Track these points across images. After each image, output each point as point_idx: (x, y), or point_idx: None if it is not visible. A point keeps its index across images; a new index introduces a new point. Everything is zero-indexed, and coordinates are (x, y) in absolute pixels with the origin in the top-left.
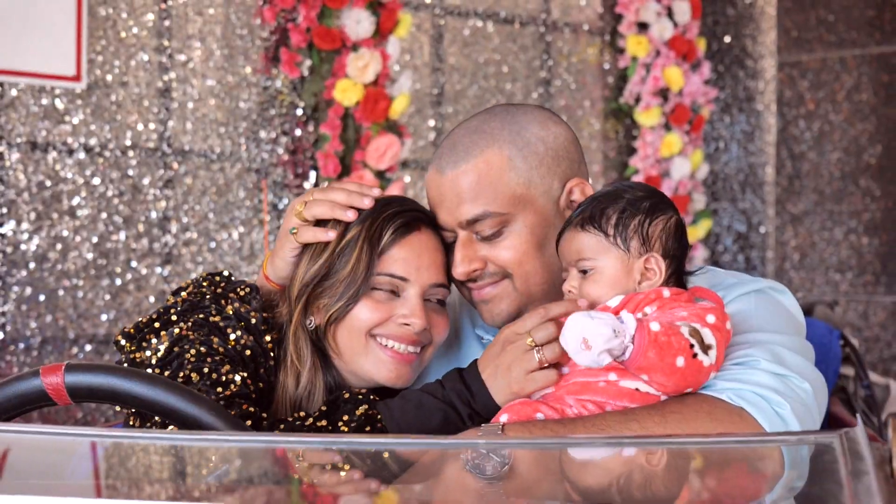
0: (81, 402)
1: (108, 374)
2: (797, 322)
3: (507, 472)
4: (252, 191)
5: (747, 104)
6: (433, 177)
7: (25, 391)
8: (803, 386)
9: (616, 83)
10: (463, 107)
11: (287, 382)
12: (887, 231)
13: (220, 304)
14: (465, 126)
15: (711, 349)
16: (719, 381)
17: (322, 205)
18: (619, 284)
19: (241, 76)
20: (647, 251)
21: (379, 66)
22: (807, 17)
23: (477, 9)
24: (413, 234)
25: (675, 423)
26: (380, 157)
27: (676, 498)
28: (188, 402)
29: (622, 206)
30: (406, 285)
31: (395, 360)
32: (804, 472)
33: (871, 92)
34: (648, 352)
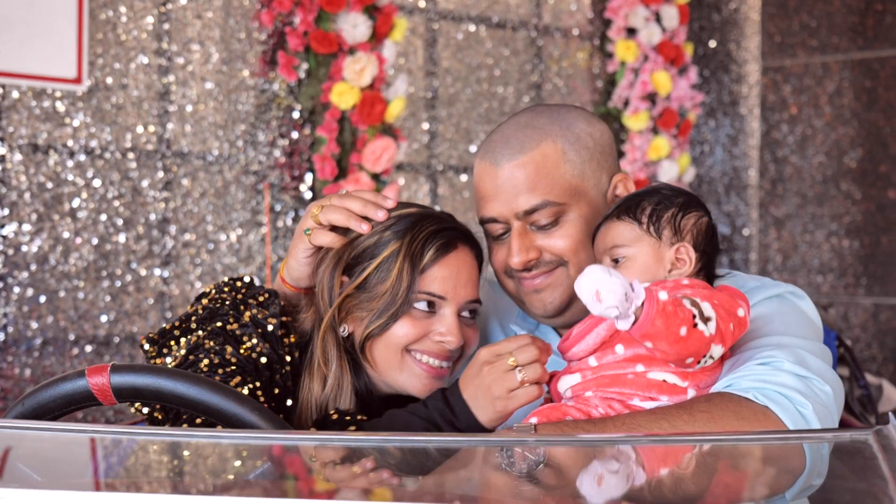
0: (126, 401)
1: (153, 374)
2: (815, 326)
3: (542, 470)
4: (250, 193)
5: (732, 108)
6: (487, 169)
7: (71, 392)
8: (824, 388)
9: (605, 87)
10: (456, 110)
11: (313, 385)
12: (868, 234)
13: (239, 310)
14: (513, 122)
15: (710, 321)
16: (745, 380)
17: (338, 211)
18: (650, 271)
19: (239, 79)
20: (678, 241)
21: (375, 69)
22: (790, 22)
23: (470, 13)
24: (452, 253)
25: (704, 422)
26: (376, 160)
27: (720, 493)
28: (231, 402)
29: (657, 199)
30: (444, 304)
31: (429, 375)
32: (843, 468)
33: (853, 97)
34: (656, 320)
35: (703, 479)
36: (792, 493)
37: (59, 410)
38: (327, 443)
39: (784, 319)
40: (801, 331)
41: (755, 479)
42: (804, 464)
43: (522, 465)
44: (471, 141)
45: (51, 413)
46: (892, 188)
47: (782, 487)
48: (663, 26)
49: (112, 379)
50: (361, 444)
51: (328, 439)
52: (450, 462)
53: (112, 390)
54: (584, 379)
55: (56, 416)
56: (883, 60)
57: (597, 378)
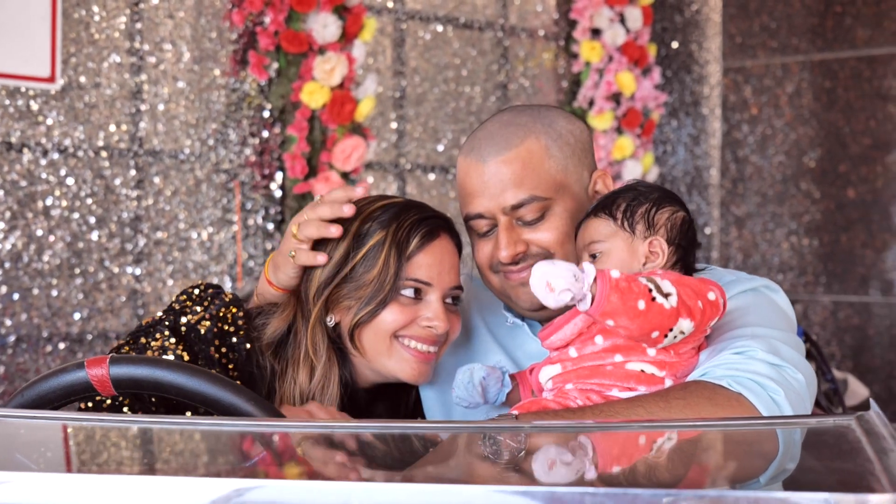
0: (124, 392)
1: (151, 365)
2: (789, 319)
3: (524, 455)
4: (221, 191)
5: (693, 108)
6: (474, 166)
7: (71, 382)
8: (797, 377)
9: (570, 87)
10: (424, 109)
11: (298, 377)
12: (827, 232)
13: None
14: (495, 120)
15: (671, 296)
16: (719, 369)
17: (311, 225)
18: (625, 265)
19: (210, 78)
20: (651, 234)
21: (345, 69)
22: (751, 24)
23: (437, 14)
24: (436, 241)
25: (679, 408)
26: (346, 159)
27: (702, 477)
28: (227, 391)
29: (633, 195)
30: (429, 289)
31: (418, 360)
32: (826, 452)
33: (812, 97)
34: (611, 296)
35: (686, 463)
36: (772, 476)
37: (59, 401)
38: (317, 430)
39: (759, 312)
40: (775, 322)
41: (740, 462)
42: (777, 448)
43: (505, 452)
44: (438, 140)
45: (50, 404)
46: (851, 187)
47: (765, 470)
48: (627, 27)
49: (111, 370)
50: (346, 430)
51: (318, 426)
52: (433, 450)
53: (111, 381)
54: (564, 370)
55: (55, 406)
56: (842, 62)
57: (577, 369)
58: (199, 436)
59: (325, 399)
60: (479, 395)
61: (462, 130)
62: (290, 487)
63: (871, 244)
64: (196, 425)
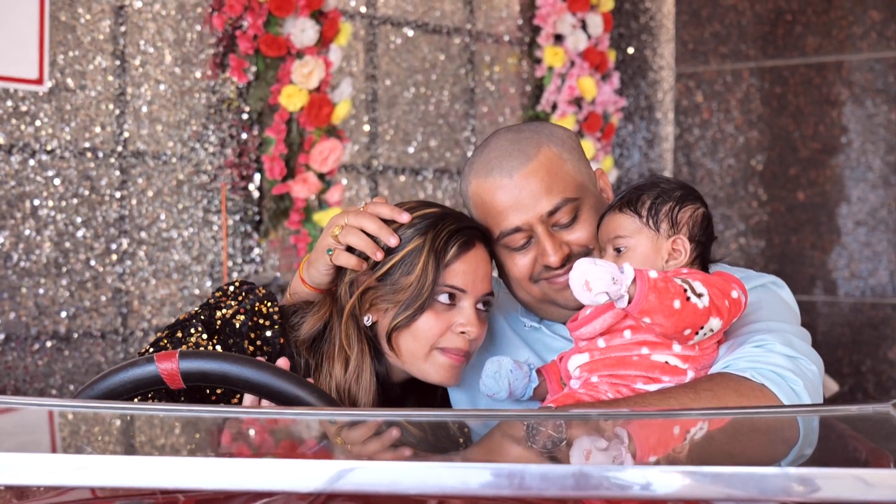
0: (192, 384)
1: (219, 359)
2: (795, 313)
3: (566, 441)
4: (202, 192)
5: (648, 113)
6: (500, 184)
7: (141, 376)
8: (811, 367)
9: (534, 91)
10: (395, 112)
11: (334, 370)
12: (778, 234)
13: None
14: (502, 138)
15: (703, 296)
16: (741, 361)
17: (356, 234)
18: (648, 262)
19: (191, 81)
20: (674, 233)
21: (322, 72)
22: (703, 31)
23: (408, 19)
24: (472, 250)
25: (708, 399)
26: (323, 161)
27: (758, 457)
28: (291, 384)
29: (657, 192)
30: (464, 296)
31: (452, 362)
32: (874, 436)
33: (763, 102)
34: (649, 295)
35: (747, 444)
36: (817, 458)
37: (128, 394)
38: (367, 418)
39: (770, 307)
40: (785, 317)
41: (789, 445)
42: (798, 434)
43: (546, 438)
44: (408, 143)
45: (119, 396)
46: (801, 190)
47: (810, 453)
48: (589, 33)
49: (181, 364)
50: (402, 418)
51: (368, 415)
52: (477, 437)
53: (181, 374)
54: (592, 359)
55: (124, 399)
56: (793, 68)
57: (604, 359)
58: (268, 424)
59: (360, 389)
60: (506, 387)
61: (431, 133)
62: (383, 468)
63: (819, 246)
64: (264, 414)
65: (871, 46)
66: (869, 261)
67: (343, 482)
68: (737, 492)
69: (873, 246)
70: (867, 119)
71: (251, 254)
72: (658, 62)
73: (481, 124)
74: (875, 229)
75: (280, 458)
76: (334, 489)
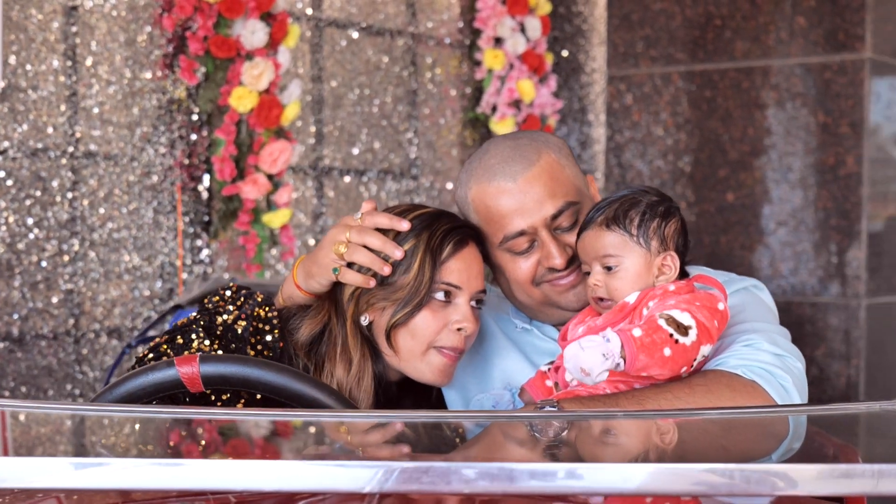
0: (213, 388)
1: (240, 363)
2: (775, 314)
3: (567, 434)
4: (152, 193)
5: (581, 115)
6: (504, 188)
7: (162, 380)
8: (797, 365)
9: (474, 94)
10: (340, 114)
11: (336, 371)
12: (706, 234)
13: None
14: (501, 145)
15: (690, 329)
16: (732, 359)
17: (361, 253)
18: (640, 280)
19: (142, 82)
20: (664, 250)
21: (272, 74)
22: (634, 34)
23: (353, 21)
24: (466, 248)
25: (702, 394)
26: (273, 162)
27: (769, 452)
28: (310, 387)
29: (643, 209)
30: (459, 293)
31: (447, 362)
32: (889, 431)
33: (693, 106)
34: (639, 356)
35: (759, 441)
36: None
37: (148, 397)
38: (380, 419)
39: (752, 309)
40: (767, 318)
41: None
42: (788, 429)
43: (549, 430)
44: (353, 144)
45: (139, 400)
46: (730, 191)
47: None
48: (527, 36)
49: (202, 368)
50: (422, 420)
51: (387, 417)
52: (479, 434)
53: (201, 378)
54: None
55: (144, 402)
56: (722, 72)
57: None
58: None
59: (360, 391)
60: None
61: (376, 134)
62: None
63: (748, 246)
64: (285, 416)
65: (797, 51)
66: (790, 260)
67: (394, 483)
68: (693, 487)
69: (794, 246)
70: (788, 122)
71: (200, 255)
72: (590, 65)
73: (423, 126)
74: (796, 229)
75: (325, 459)
76: (385, 490)
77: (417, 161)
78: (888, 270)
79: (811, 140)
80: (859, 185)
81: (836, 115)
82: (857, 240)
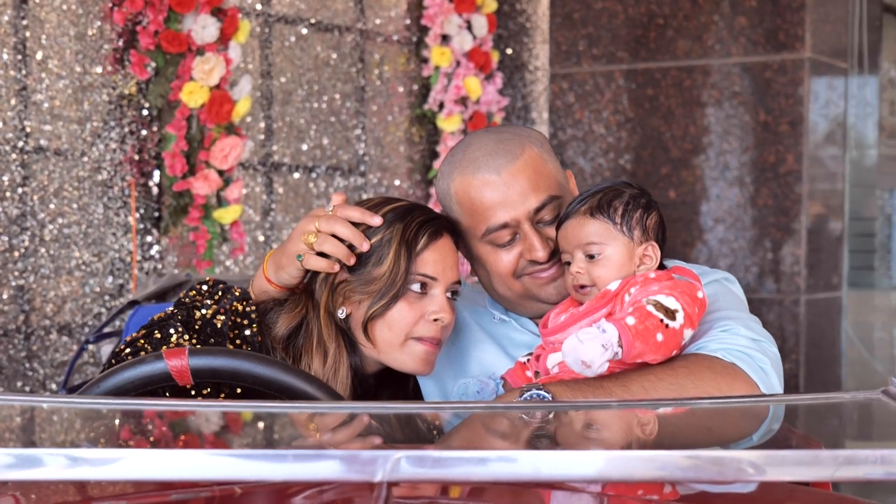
0: (201, 381)
1: (229, 356)
2: (745, 305)
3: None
4: (103, 188)
5: (524, 113)
6: (488, 181)
7: (150, 373)
8: (772, 349)
9: (421, 90)
10: (289, 110)
11: (312, 363)
12: None
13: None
14: (484, 138)
15: (677, 313)
16: (711, 343)
17: (330, 242)
18: (623, 268)
19: (93, 76)
20: (646, 240)
21: (223, 69)
22: (576, 33)
23: (302, 16)
24: (441, 240)
25: (685, 376)
26: (224, 158)
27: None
28: (299, 379)
29: (626, 199)
30: (435, 284)
31: (427, 349)
32: (870, 419)
33: (635, 104)
34: (636, 343)
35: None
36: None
37: (136, 390)
38: (370, 411)
39: (725, 299)
40: (740, 308)
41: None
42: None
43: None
44: (302, 140)
45: (126, 393)
46: (672, 189)
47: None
48: (474, 34)
49: (191, 360)
50: (395, 411)
51: (371, 408)
52: (467, 420)
53: (190, 371)
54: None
55: (129, 396)
56: (664, 70)
57: None
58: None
59: (336, 383)
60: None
61: (324, 131)
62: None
63: (689, 243)
64: (271, 408)
65: (738, 51)
66: (726, 257)
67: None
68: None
69: (730, 243)
70: (729, 120)
71: (150, 251)
72: (534, 63)
73: (371, 122)
74: (732, 227)
75: (336, 448)
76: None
77: (365, 158)
78: (826, 266)
79: (751, 138)
80: (799, 182)
81: (776, 114)
82: (796, 236)
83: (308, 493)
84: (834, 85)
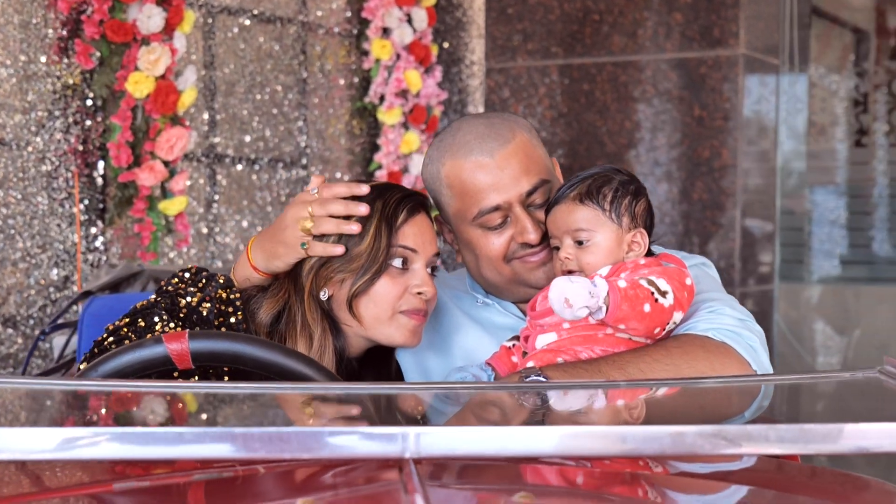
0: (201, 364)
1: (230, 340)
2: (723, 289)
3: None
4: (47, 179)
5: (461, 107)
6: (480, 164)
7: (150, 356)
8: (757, 327)
9: (361, 83)
10: (231, 101)
11: (297, 347)
12: None
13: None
14: (474, 122)
15: (668, 293)
16: (700, 324)
17: (328, 222)
18: (612, 255)
19: (37, 65)
20: (634, 227)
21: (168, 59)
22: (512, 28)
23: (244, 8)
24: (419, 214)
25: (679, 356)
26: (170, 149)
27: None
28: (299, 362)
29: (615, 186)
30: (416, 257)
31: (415, 322)
32: (869, 397)
33: (571, 98)
34: (622, 305)
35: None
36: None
37: (136, 374)
38: (368, 391)
39: (706, 282)
40: (720, 290)
41: (794, 409)
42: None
43: (536, 399)
44: (245, 132)
45: (127, 376)
46: None
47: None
48: (414, 27)
49: (191, 344)
50: (406, 391)
51: (368, 389)
52: (469, 403)
53: (191, 354)
54: (559, 338)
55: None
56: (600, 66)
57: (570, 338)
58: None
59: None
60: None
61: (267, 122)
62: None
63: None
64: (273, 390)
65: (673, 46)
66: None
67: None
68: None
69: (659, 238)
70: (664, 115)
71: (95, 242)
72: (470, 57)
73: (312, 115)
74: (661, 222)
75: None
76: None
77: (307, 150)
78: (760, 260)
79: (686, 133)
80: (733, 176)
81: (710, 109)
82: (730, 230)
83: (332, 473)
84: (766, 81)
